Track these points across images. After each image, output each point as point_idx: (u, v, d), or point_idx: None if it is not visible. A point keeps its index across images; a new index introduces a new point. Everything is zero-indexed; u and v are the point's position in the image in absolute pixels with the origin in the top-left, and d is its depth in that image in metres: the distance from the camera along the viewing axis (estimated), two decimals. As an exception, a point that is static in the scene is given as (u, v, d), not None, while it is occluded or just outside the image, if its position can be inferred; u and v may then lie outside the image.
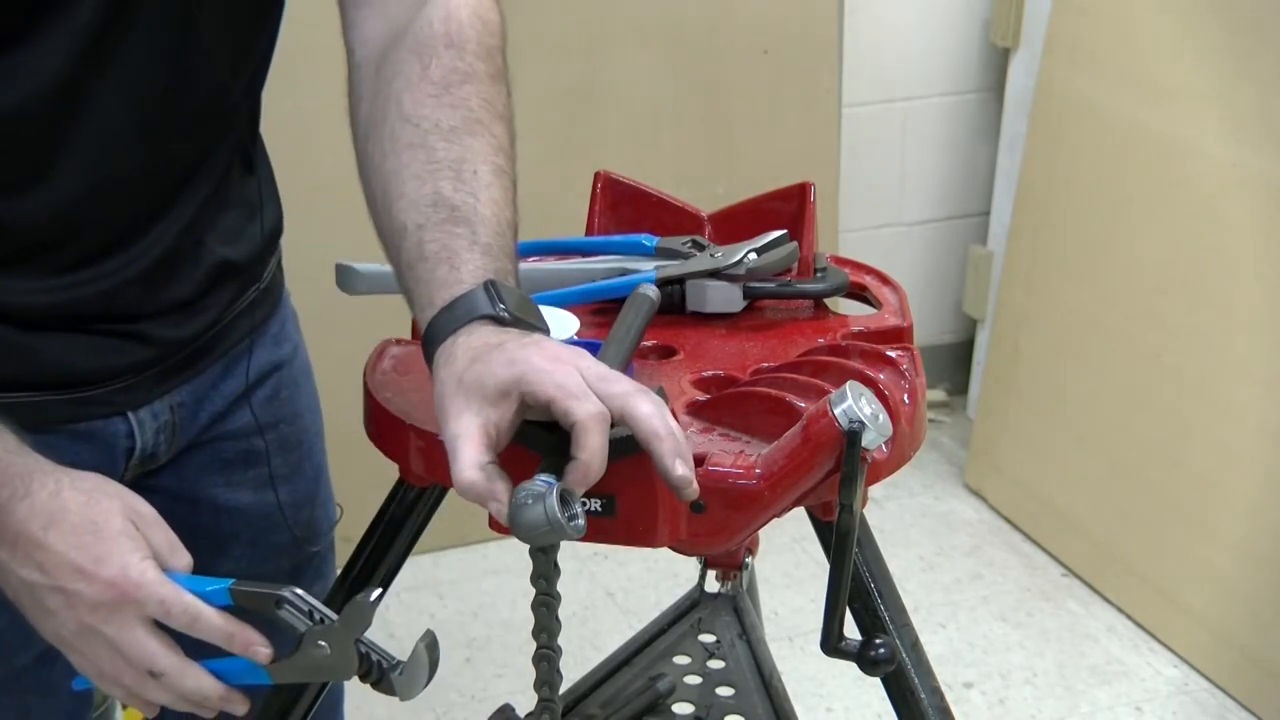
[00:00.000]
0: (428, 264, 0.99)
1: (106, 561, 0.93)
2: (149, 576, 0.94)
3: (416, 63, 1.08)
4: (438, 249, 1.00)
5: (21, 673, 1.18)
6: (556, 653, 0.99)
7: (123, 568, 0.94)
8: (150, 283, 1.11)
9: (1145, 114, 2.43)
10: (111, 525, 0.95)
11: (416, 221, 1.01)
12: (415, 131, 1.05)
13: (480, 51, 1.11)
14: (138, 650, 0.95)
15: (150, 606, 0.94)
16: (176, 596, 0.95)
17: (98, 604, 0.94)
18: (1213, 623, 2.38)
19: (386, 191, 1.04)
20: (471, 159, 1.05)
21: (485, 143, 1.07)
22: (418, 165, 1.04)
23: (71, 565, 0.94)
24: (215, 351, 1.21)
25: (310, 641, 0.96)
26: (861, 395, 0.94)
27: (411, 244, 1.01)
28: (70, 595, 0.94)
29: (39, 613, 0.97)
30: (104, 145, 1.03)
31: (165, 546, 0.97)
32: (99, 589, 0.93)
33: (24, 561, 0.95)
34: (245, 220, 1.20)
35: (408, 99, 1.06)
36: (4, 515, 0.95)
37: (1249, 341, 2.28)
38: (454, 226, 1.00)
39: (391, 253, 1.04)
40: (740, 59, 2.69)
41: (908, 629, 1.13)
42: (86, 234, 1.07)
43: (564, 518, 0.87)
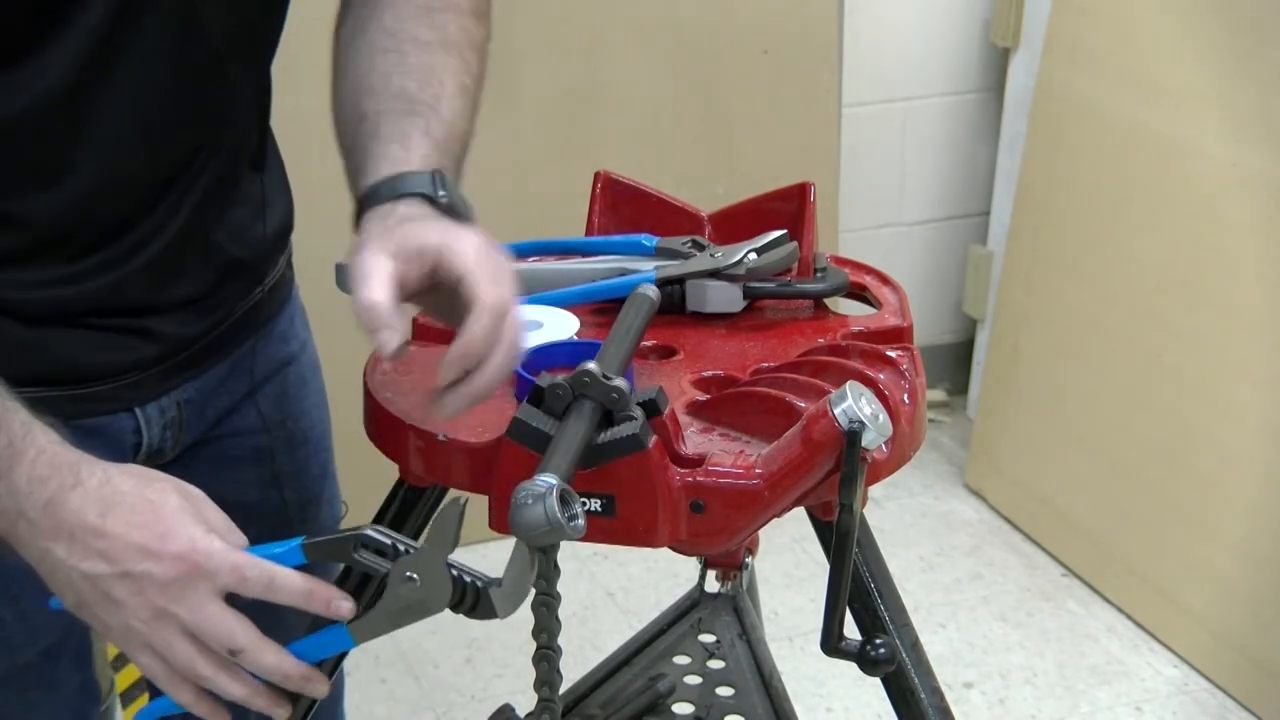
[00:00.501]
0: (379, 143, 1.04)
1: (172, 537, 0.91)
2: (216, 545, 0.92)
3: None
4: (392, 131, 1.04)
5: (25, 668, 1.18)
6: (556, 653, 0.99)
7: (190, 540, 0.92)
8: (156, 275, 1.11)
9: (1145, 114, 2.43)
10: (169, 503, 0.93)
11: (375, 109, 1.06)
12: (391, 40, 1.09)
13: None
14: (215, 625, 0.93)
15: (223, 576, 0.92)
16: (249, 560, 0.93)
17: (169, 582, 0.92)
18: (1213, 623, 2.38)
19: (355, 88, 1.09)
20: (440, 70, 1.09)
21: (456, 62, 1.11)
22: (388, 65, 1.08)
23: (136, 546, 0.91)
24: (222, 349, 1.21)
25: (397, 578, 0.92)
26: (861, 395, 0.94)
27: (368, 127, 1.05)
28: (138, 579, 0.92)
29: (106, 608, 0.94)
30: (111, 143, 1.04)
31: (223, 525, 0.95)
32: (168, 565, 0.91)
33: (85, 553, 0.92)
34: (252, 218, 1.21)
35: (389, 15, 1.11)
36: (57, 508, 0.92)
37: (1249, 341, 2.28)
38: (413, 117, 1.06)
39: (347, 139, 1.08)
40: (740, 59, 2.69)
41: (908, 629, 1.13)
42: (92, 228, 1.07)
43: (564, 518, 0.87)
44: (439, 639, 2.48)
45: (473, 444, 1.01)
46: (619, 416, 0.95)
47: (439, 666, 2.43)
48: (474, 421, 1.04)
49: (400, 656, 2.44)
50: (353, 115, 1.08)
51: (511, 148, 2.57)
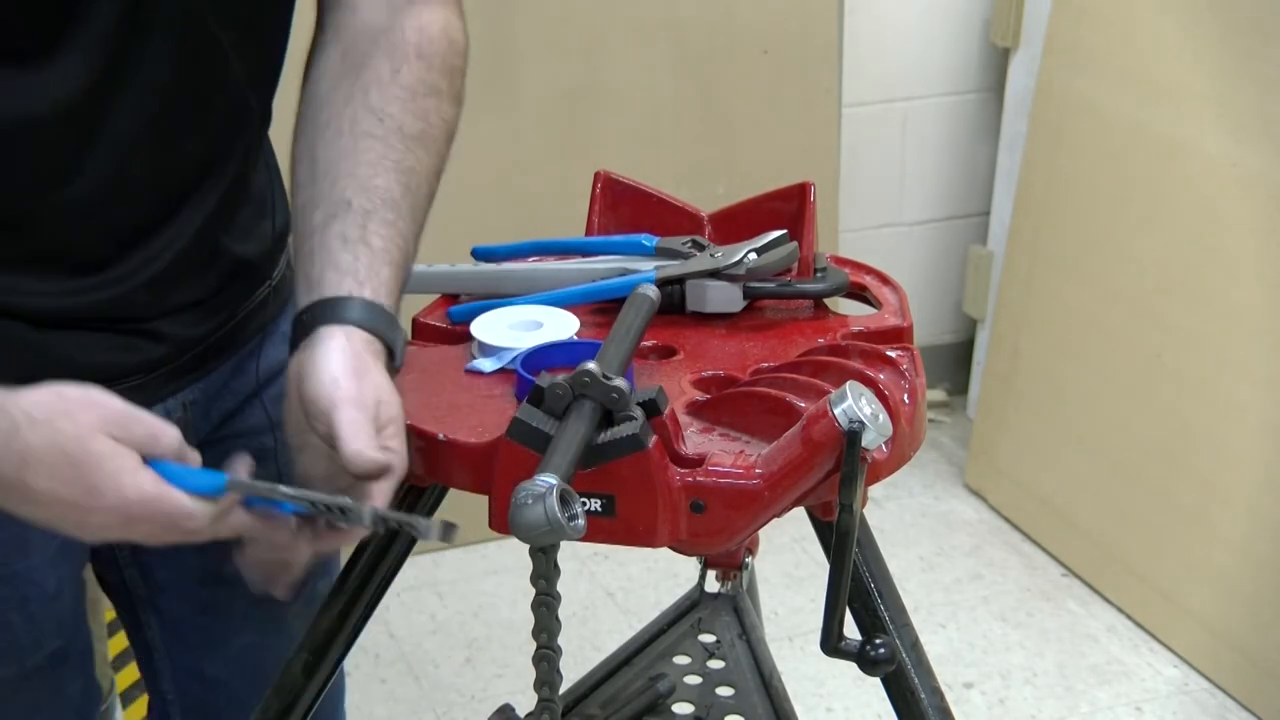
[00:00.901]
0: (372, 253, 1.04)
1: (100, 492, 0.91)
2: (147, 492, 0.91)
3: (387, 65, 1.11)
4: (382, 246, 1.05)
5: (32, 673, 1.19)
6: (556, 653, 1.00)
7: (118, 492, 0.91)
8: (162, 287, 1.12)
9: (1145, 114, 2.43)
10: (86, 452, 0.91)
11: (363, 206, 1.05)
12: (378, 125, 1.09)
13: (445, 69, 1.14)
14: (176, 535, 0.94)
15: (161, 520, 0.92)
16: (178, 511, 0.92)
17: (105, 528, 0.92)
18: (1213, 623, 2.38)
19: (336, 163, 1.08)
20: (420, 172, 1.10)
21: (433, 161, 1.11)
22: (374, 155, 1.07)
23: (67, 502, 0.91)
24: (227, 350, 1.21)
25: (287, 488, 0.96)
26: (861, 395, 0.94)
27: (354, 222, 1.05)
28: (77, 526, 0.92)
29: (61, 528, 0.94)
30: (122, 148, 1.04)
31: (147, 437, 0.93)
32: (106, 516, 0.91)
33: (20, 502, 0.92)
34: (257, 217, 1.21)
35: (375, 93, 1.10)
36: None
37: (1249, 341, 2.28)
38: (396, 235, 1.06)
39: (318, 213, 1.07)
40: (740, 59, 2.69)
41: (908, 629, 1.13)
42: (102, 236, 1.07)
43: (564, 518, 0.87)
44: (439, 639, 2.48)
45: (473, 444, 1.01)
46: (619, 416, 0.95)
47: (439, 666, 2.43)
48: (474, 421, 1.04)
49: (400, 656, 2.44)
50: (331, 194, 1.06)
51: (511, 148, 2.57)
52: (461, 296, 1.28)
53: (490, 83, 2.51)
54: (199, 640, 1.35)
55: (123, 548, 1.30)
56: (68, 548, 1.17)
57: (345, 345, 0.99)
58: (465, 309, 1.22)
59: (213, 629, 1.35)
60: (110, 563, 1.31)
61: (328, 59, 1.13)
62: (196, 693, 1.39)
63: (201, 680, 1.38)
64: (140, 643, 1.38)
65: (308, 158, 1.10)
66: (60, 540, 1.16)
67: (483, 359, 1.14)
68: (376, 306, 1.02)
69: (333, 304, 1.02)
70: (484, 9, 2.61)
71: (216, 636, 1.35)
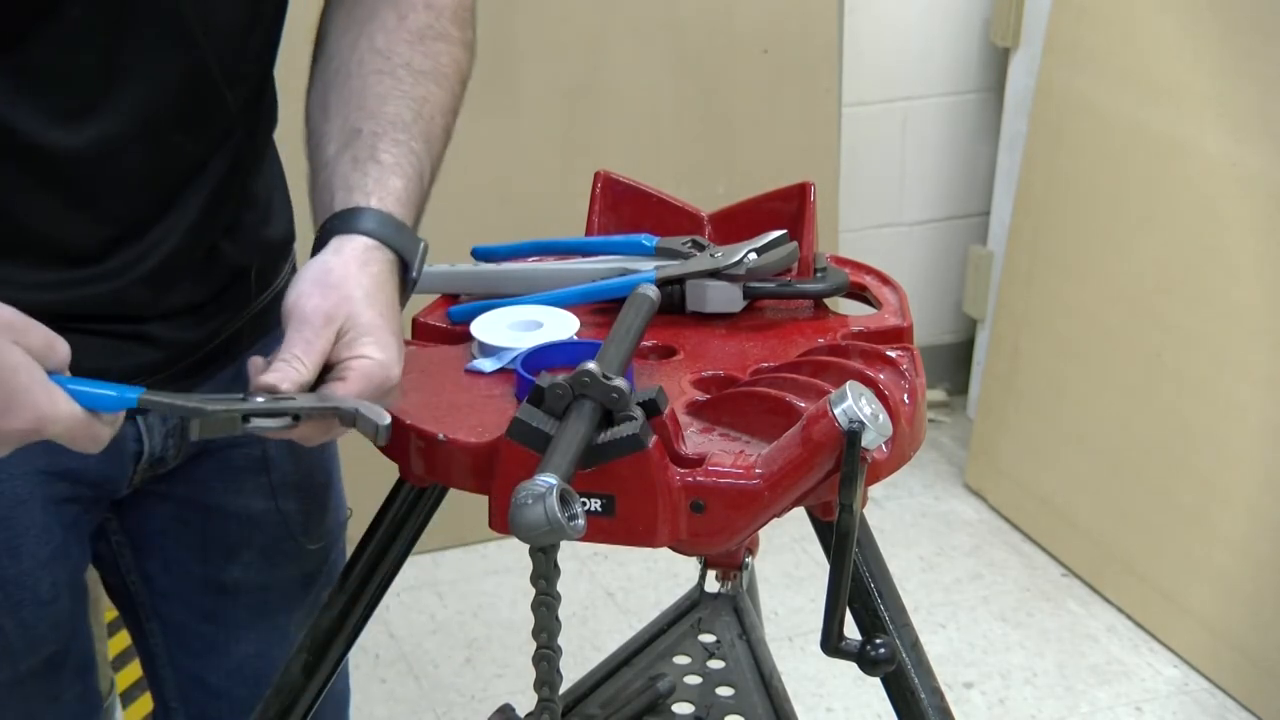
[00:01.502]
0: (382, 166, 1.05)
1: (15, 411, 0.89)
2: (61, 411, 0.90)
3: (393, 13, 1.12)
4: (393, 161, 1.06)
5: (27, 677, 1.18)
6: (556, 653, 0.99)
7: (34, 411, 0.89)
8: (158, 284, 1.11)
9: (1145, 114, 2.43)
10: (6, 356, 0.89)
11: (372, 130, 1.06)
12: (385, 63, 1.10)
13: (454, 18, 1.15)
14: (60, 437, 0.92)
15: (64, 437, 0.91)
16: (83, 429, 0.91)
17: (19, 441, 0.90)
18: (1213, 623, 2.38)
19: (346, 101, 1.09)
20: (433, 104, 1.10)
21: (446, 96, 1.12)
22: (382, 87, 1.09)
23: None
24: (225, 356, 1.21)
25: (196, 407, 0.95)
26: (861, 395, 0.94)
27: (364, 144, 1.06)
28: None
29: None
30: (111, 139, 1.04)
31: (43, 345, 0.92)
32: (15, 434, 0.90)
33: None
34: (259, 224, 1.21)
35: (381, 37, 1.11)
36: None
37: (1249, 341, 2.28)
38: (408, 153, 1.07)
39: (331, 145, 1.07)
40: (740, 59, 2.69)
41: (908, 629, 1.13)
42: (97, 227, 1.07)
43: (564, 517, 0.87)
44: (439, 639, 2.49)
45: (473, 444, 1.01)
46: (619, 416, 0.95)
47: (439, 666, 2.43)
48: (474, 421, 1.04)
49: (400, 656, 2.44)
50: (342, 127, 1.08)
51: (511, 148, 2.57)
52: (461, 296, 1.28)
53: (490, 83, 2.51)
54: (201, 648, 1.35)
55: (124, 554, 1.30)
56: (62, 552, 1.17)
57: (330, 256, 1.00)
58: (465, 309, 1.22)
59: (215, 637, 1.35)
60: (113, 568, 1.31)
61: (334, 15, 1.15)
62: (200, 701, 1.39)
63: (204, 689, 1.37)
64: (143, 649, 1.38)
65: (319, 105, 1.11)
66: (54, 545, 1.16)
67: (483, 359, 1.14)
68: (384, 215, 1.03)
69: (341, 216, 1.03)
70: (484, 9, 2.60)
71: (219, 645, 1.35)
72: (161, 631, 1.35)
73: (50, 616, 1.18)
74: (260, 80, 1.16)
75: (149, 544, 1.29)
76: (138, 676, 2.22)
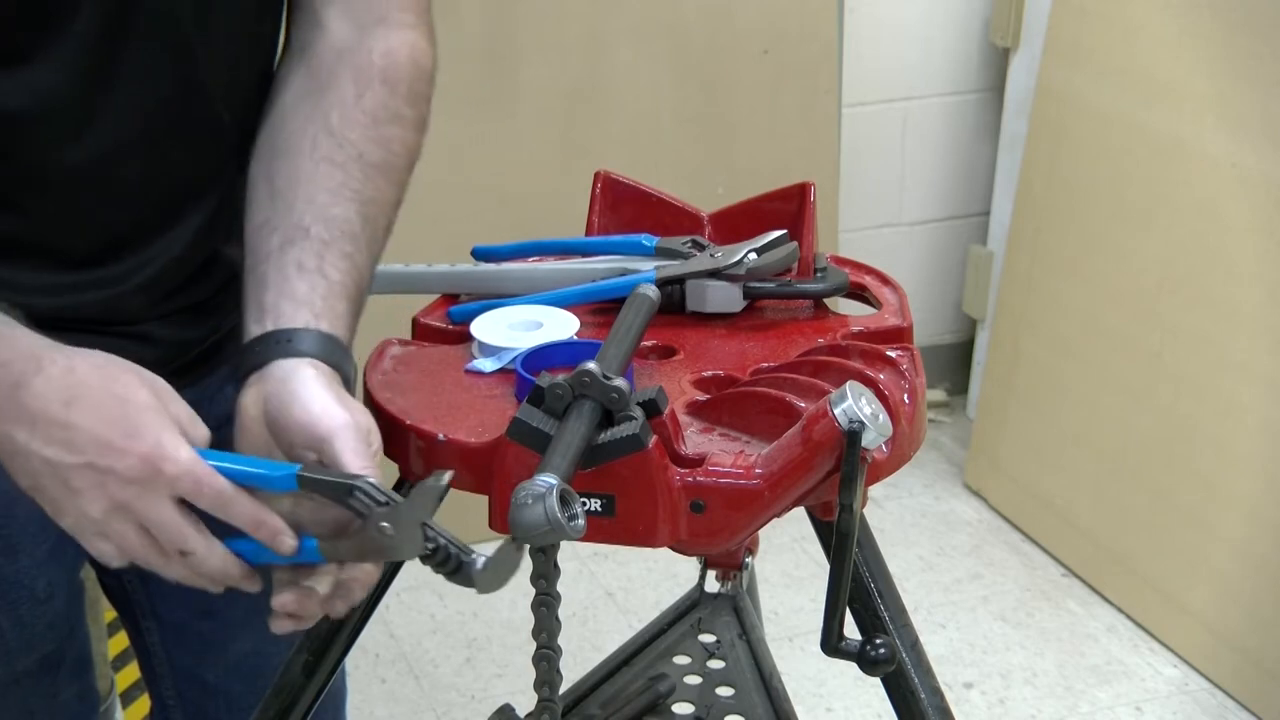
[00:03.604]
0: (329, 284, 1.03)
1: (139, 436, 0.90)
2: (183, 454, 0.91)
3: (352, 88, 1.09)
4: (339, 279, 1.04)
5: (23, 676, 1.18)
6: (556, 653, 0.99)
7: (156, 440, 0.90)
8: (156, 291, 1.11)
9: (1145, 114, 2.43)
10: (137, 398, 0.92)
11: (321, 235, 1.04)
12: (339, 151, 1.07)
13: (410, 96, 1.12)
14: (169, 527, 0.92)
15: (182, 483, 0.91)
16: (210, 477, 0.92)
17: (131, 480, 0.90)
18: (1213, 623, 2.38)
19: (294, 186, 1.06)
20: (380, 203, 1.08)
21: (393, 192, 1.10)
22: (334, 183, 1.06)
23: (101, 440, 0.90)
24: (221, 355, 1.21)
25: (374, 524, 0.93)
26: (861, 395, 0.94)
27: (312, 251, 1.04)
28: (101, 471, 0.90)
29: (63, 494, 0.92)
30: (110, 154, 1.04)
31: (186, 419, 0.94)
32: (133, 463, 0.90)
33: (47, 440, 0.90)
34: None
35: (336, 116, 1.08)
36: (20, 392, 0.90)
37: (1249, 341, 2.28)
38: (352, 268, 1.05)
39: (275, 236, 1.06)
40: (740, 59, 2.69)
41: (908, 629, 1.13)
42: (94, 238, 1.07)
43: (564, 517, 0.87)
44: (439, 639, 2.49)
45: (473, 444, 1.01)
46: (619, 416, 0.95)
47: (439, 666, 2.43)
48: (474, 421, 1.04)
49: (400, 656, 2.44)
50: (288, 219, 1.05)
51: (511, 148, 2.57)
52: (461, 296, 1.28)
53: (490, 83, 2.51)
54: (198, 646, 1.35)
55: None
56: (59, 550, 1.17)
57: (319, 375, 0.98)
58: (465, 309, 1.22)
59: (212, 635, 1.35)
60: None
61: (292, 77, 1.12)
62: (197, 698, 1.39)
63: (202, 686, 1.38)
64: (140, 647, 1.38)
65: (265, 177, 1.08)
66: (50, 543, 1.16)
67: (483, 359, 1.14)
68: (332, 339, 1.01)
69: (290, 335, 1.00)
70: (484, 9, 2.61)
71: (216, 642, 1.35)
72: (158, 629, 1.35)
73: (47, 615, 1.18)
74: (259, 96, 1.16)
75: None
76: (137, 677, 2.22)
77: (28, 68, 0.98)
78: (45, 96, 1.00)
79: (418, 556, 0.93)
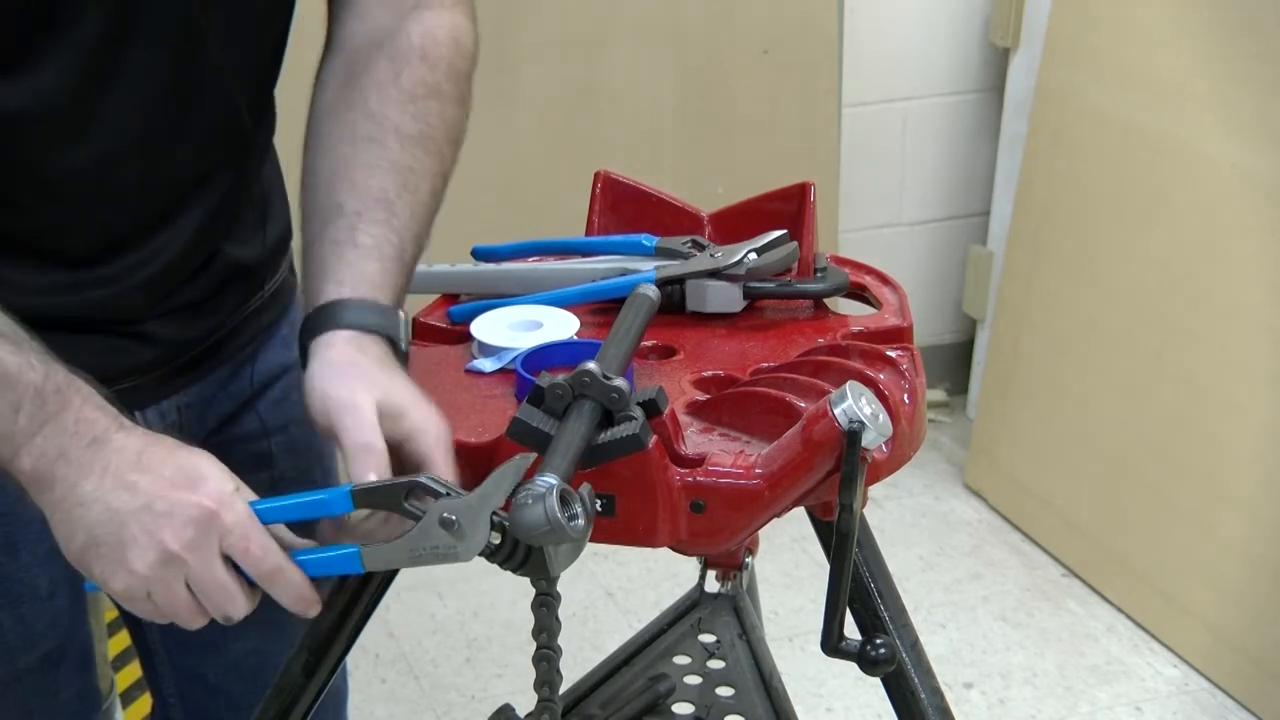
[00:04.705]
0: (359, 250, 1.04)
1: (205, 483, 0.92)
2: (243, 507, 0.92)
3: (389, 69, 1.10)
4: (371, 243, 1.05)
5: (24, 674, 1.18)
6: (556, 653, 0.99)
7: (221, 489, 0.92)
8: (157, 289, 1.11)
9: (1145, 114, 2.43)
10: (208, 465, 0.93)
11: (355, 208, 1.05)
12: (376, 128, 1.08)
13: (450, 72, 1.13)
14: (218, 588, 0.93)
15: (235, 536, 0.92)
16: (264, 540, 0.92)
17: (188, 522, 0.91)
18: (1213, 623, 2.38)
19: (334, 171, 1.08)
20: (419, 172, 1.09)
21: (434, 162, 1.10)
22: (370, 156, 1.07)
23: (169, 482, 0.91)
24: (222, 353, 1.21)
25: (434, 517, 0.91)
26: (861, 395, 0.94)
27: (344, 225, 1.05)
28: (159, 515, 0.91)
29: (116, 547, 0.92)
30: (112, 152, 1.04)
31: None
32: (193, 507, 0.91)
33: (115, 486, 0.92)
34: (257, 223, 1.21)
35: (374, 98, 1.09)
36: (102, 445, 0.93)
37: (1249, 341, 2.28)
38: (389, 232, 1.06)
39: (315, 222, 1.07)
40: (740, 59, 2.69)
41: (908, 629, 1.13)
42: (95, 236, 1.07)
43: (564, 517, 0.87)
44: (439, 639, 2.48)
45: (473, 444, 1.01)
46: (619, 416, 0.95)
47: (439, 666, 2.43)
48: (474, 421, 1.04)
49: (400, 656, 2.44)
50: (326, 202, 1.07)
51: (511, 148, 2.57)
52: (461, 296, 1.28)
53: (490, 83, 2.50)
54: (199, 645, 1.35)
55: None
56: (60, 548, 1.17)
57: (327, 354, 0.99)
58: (465, 309, 1.22)
59: (213, 634, 1.34)
60: None
61: (332, 69, 1.14)
62: (198, 697, 1.39)
63: (203, 685, 1.38)
64: (142, 645, 1.38)
65: (311, 170, 1.10)
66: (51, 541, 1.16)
67: (483, 359, 1.14)
68: (361, 304, 1.02)
69: (319, 314, 1.02)
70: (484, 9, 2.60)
71: (217, 642, 1.35)
72: (159, 629, 1.35)
73: (48, 613, 1.18)
74: (265, 95, 1.17)
75: None
76: (138, 676, 2.22)
77: (30, 70, 0.98)
78: (46, 98, 0.99)
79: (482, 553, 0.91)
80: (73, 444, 0.92)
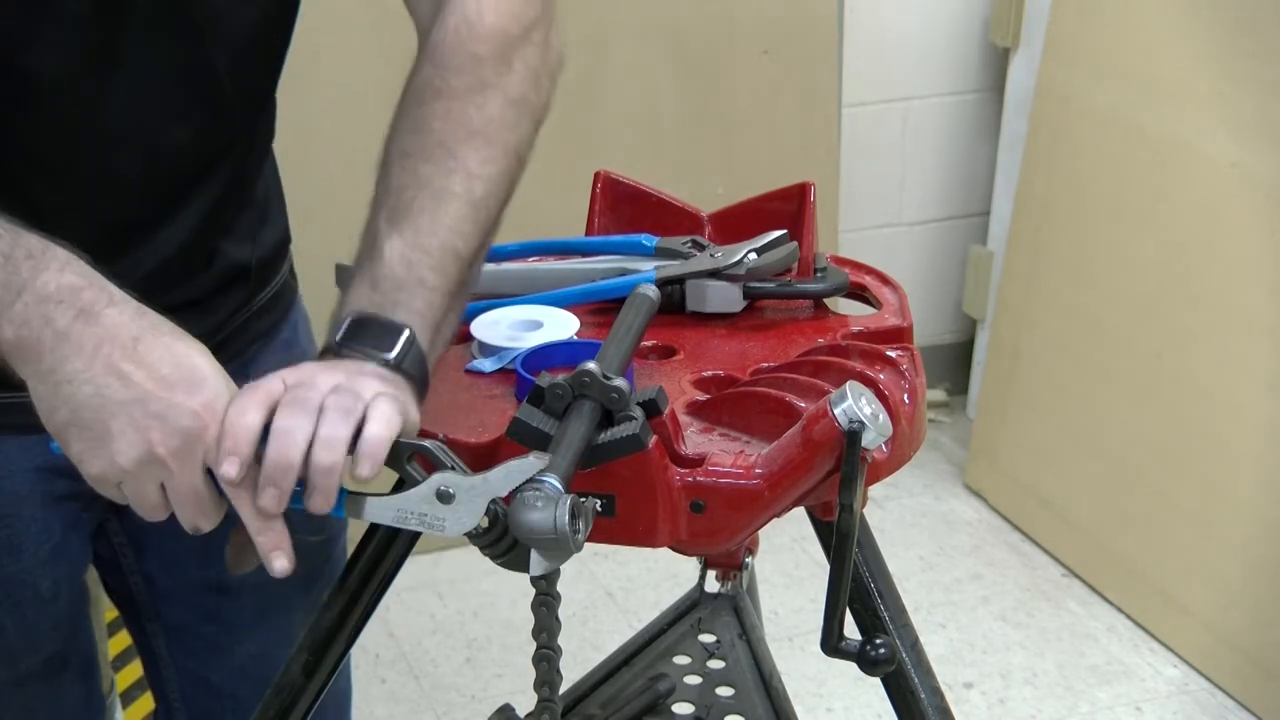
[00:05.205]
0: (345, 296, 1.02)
1: (200, 390, 0.88)
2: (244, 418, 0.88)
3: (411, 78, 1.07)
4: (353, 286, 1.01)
5: (27, 677, 1.18)
6: (556, 653, 0.99)
7: (214, 397, 0.88)
8: (156, 287, 1.11)
9: (1145, 114, 2.43)
10: (204, 361, 0.90)
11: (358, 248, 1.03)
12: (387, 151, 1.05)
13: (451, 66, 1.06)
14: (193, 502, 0.90)
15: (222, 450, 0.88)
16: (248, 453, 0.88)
17: (179, 430, 0.87)
18: (1213, 623, 2.38)
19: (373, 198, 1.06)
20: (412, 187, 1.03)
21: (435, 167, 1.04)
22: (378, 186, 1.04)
23: (164, 382, 0.87)
24: (222, 355, 1.21)
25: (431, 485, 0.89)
26: (861, 395, 0.94)
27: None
28: (151, 415, 0.87)
29: (99, 436, 0.88)
30: (110, 143, 1.04)
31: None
32: (187, 414, 0.87)
33: (105, 372, 0.87)
34: (257, 224, 1.21)
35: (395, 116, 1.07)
36: (85, 321, 0.88)
37: (1249, 341, 2.28)
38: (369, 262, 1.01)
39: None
40: (740, 59, 2.69)
41: (908, 629, 1.13)
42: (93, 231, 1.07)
43: (569, 529, 0.87)
44: (439, 639, 2.49)
45: (473, 444, 1.01)
46: (619, 416, 0.95)
47: (439, 666, 2.43)
48: (474, 421, 1.04)
49: (400, 656, 2.44)
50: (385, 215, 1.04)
51: (511, 148, 2.57)
52: (461, 296, 1.28)
53: (490, 83, 2.51)
54: (203, 649, 1.35)
55: (126, 554, 1.30)
56: (63, 550, 1.17)
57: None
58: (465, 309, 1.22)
59: (217, 638, 1.35)
60: (114, 568, 1.31)
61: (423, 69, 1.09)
62: (202, 700, 1.38)
63: (207, 689, 1.37)
64: (145, 649, 1.38)
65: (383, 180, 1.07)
66: (54, 542, 1.16)
67: (483, 359, 1.14)
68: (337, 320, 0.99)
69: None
70: (484, 9, 2.57)
71: (221, 645, 1.35)
72: (163, 632, 1.35)
73: (51, 615, 1.18)
74: (266, 89, 1.16)
75: (150, 545, 1.29)
76: (138, 676, 2.22)
77: (25, 50, 0.98)
78: (44, 81, 0.99)
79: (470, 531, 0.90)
80: (58, 312, 0.88)
